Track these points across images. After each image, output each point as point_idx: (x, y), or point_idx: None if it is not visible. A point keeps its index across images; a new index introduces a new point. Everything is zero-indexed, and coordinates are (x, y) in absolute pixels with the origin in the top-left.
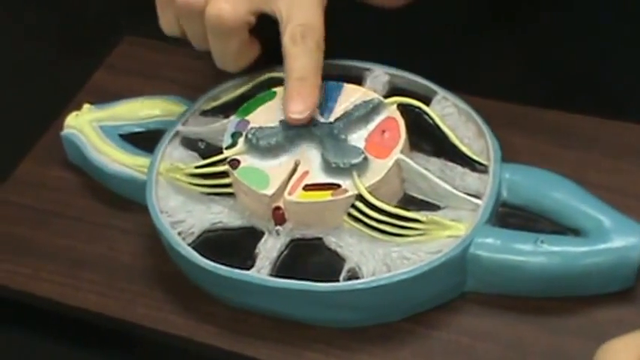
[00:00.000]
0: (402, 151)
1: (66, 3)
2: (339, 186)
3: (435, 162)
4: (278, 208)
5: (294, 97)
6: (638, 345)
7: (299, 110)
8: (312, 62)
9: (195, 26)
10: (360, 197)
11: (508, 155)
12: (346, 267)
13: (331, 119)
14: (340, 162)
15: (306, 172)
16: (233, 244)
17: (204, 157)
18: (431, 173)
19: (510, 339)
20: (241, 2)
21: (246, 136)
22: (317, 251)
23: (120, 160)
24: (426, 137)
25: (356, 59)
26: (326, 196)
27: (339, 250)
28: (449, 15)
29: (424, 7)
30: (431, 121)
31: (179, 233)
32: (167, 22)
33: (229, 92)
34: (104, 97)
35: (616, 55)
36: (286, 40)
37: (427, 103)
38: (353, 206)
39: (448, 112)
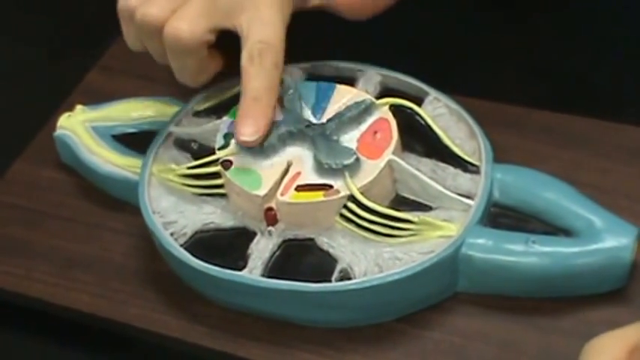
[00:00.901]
0: (393, 152)
1: (59, 4)
2: (331, 187)
3: (427, 162)
4: (270, 209)
5: (246, 118)
6: (624, 340)
7: (249, 133)
8: (268, 82)
9: (154, 43)
10: (352, 198)
11: (500, 155)
12: (338, 267)
13: (323, 120)
14: (332, 163)
15: (299, 173)
16: (225, 245)
17: (196, 158)
18: (422, 174)
19: (502, 339)
20: (199, 21)
21: None
22: (309, 252)
23: (112, 161)
24: (417, 138)
25: (348, 60)
26: (318, 196)
27: (331, 250)
28: (440, 16)
29: (416, 8)
30: (423, 122)
31: (171, 234)
32: (129, 38)
33: (222, 93)
34: (97, 97)
35: (608, 56)
36: (245, 58)
37: (419, 103)
38: (345, 207)
39: (440, 112)
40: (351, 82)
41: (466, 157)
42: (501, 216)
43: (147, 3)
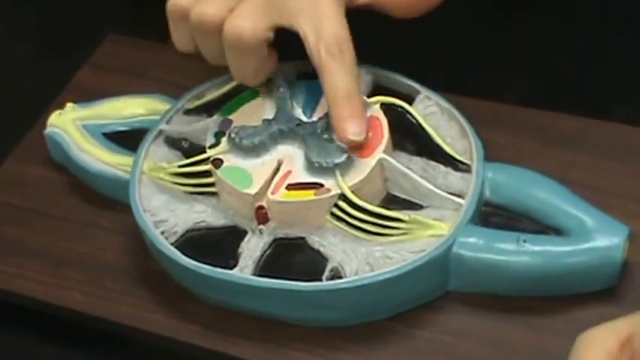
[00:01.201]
0: (384, 151)
1: (49, 1)
2: (322, 185)
3: (418, 161)
4: (261, 208)
5: (348, 118)
6: (616, 333)
7: (357, 132)
8: (355, 78)
9: (211, 43)
10: (343, 197)
11: (491, 154)
12: (329, 266)
13: (314, 118)
14: (323, 161)
15: (289, 172)
16: (216, 244)
17: (187, 156)
18: (413, 172)
19: (493, 338)
20: (259, 19)
21: (230, 135)
22: (300, 250)
23: (103, 159)
24: (408, 136)
25: None
26: (309, 195)
27: (322, 249)
28: (433, 14)
29: None
30: (414, 121)
31: (162, 232)
32: (180, 39)
33: (213, 91)
34: (88, 95)
35: (601, 55)
36: (324, 55)
37: (410, 102)
38: (336, 206)
39: (431, 111)
40: None
41: (457, 156)
42: (492, 215)
43: (201, 2)
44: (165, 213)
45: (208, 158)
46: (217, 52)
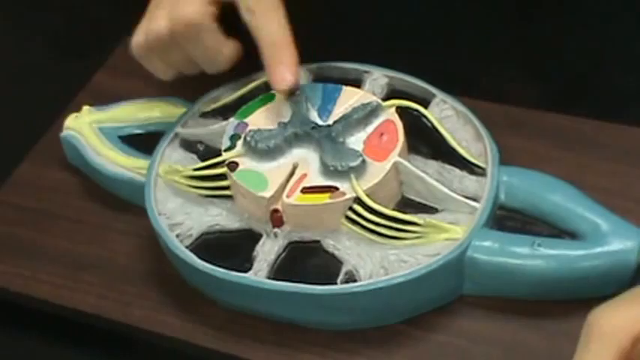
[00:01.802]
0: (400, 154)
1: (66, 4)
2: (337, 189)
3: (433, 165)
4: (276, 211)
5: (276, 66)
6: (629, 325)
7: (286, 80)
8: (274, 23)
9: (176, 53)
10: (358, 200)
11: (506, 158)
12: (344, 270)
13: (330, 122)
14: (338, 165)
15: (305, 175)
16: (231, 247)
17: (203, 159)
18: (429, 176)
19: (507, 342)
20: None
21: (245, 138)
22: (315, 254)
23: (119, 162)
24: (424, 140)
25: (355, 62)
26: (324, 198)
27: (336, 252)
28: (448, 18)
29: (423, 9)
30: (429, 124)
31: (177, 235)
32: (157, 69)
33: (228, 94)
34: (104, 98)
35: (615, 58)
36: (244, 13)
37: (425, 105)
38: (351, 209)
39: (446, 114)
40: (357, 83)
41: (472, 160)
42: (507, 218)
43: (146, 28)
44: (181, 216)
45: (224, 161)
46: (186, 58)
